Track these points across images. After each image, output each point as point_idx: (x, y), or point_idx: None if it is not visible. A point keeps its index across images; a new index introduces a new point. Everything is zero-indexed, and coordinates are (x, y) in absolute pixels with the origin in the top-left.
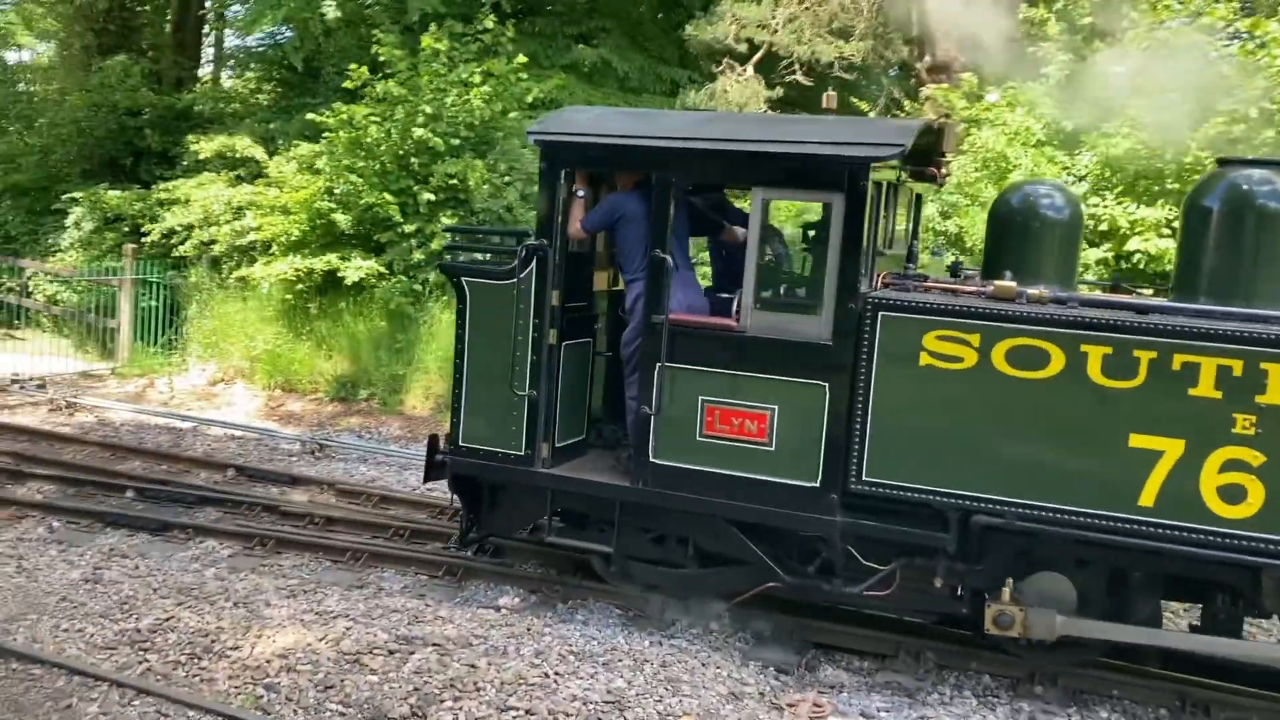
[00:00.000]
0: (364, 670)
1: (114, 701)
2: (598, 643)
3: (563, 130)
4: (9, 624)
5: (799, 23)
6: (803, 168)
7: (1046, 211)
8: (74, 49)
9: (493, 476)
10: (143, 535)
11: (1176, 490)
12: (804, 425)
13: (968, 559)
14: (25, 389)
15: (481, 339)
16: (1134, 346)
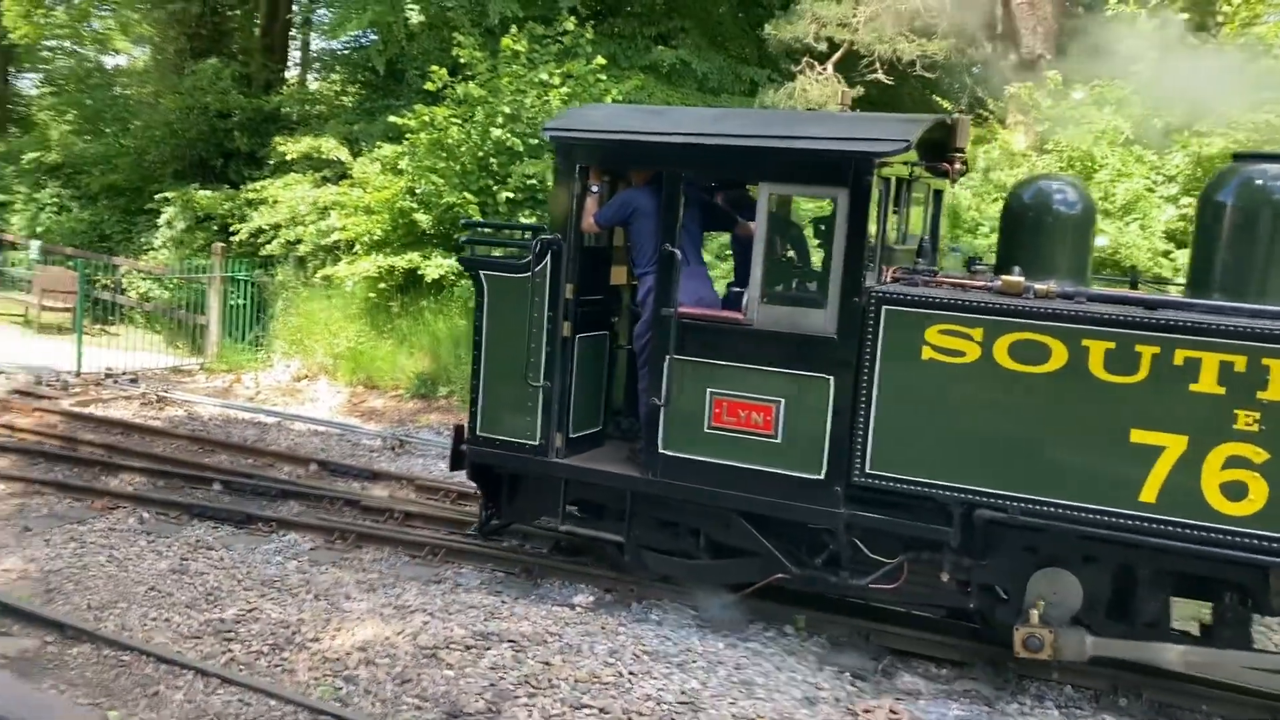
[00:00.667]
0: (441, 665)
1: (199, 690)
2: (672, 643)
3: (577, 127)
4: (101, 611)
5: (880, 21)
6: (807, 163)
7: (1059, 207)
8: (168, 53)
9: (509, 466)
10: (228, 527)
11: (1178, 487)
12: (809, 418)
13: (973, 553)
14: (119, 383)
15: (498, 331)
16: (1136, 342)
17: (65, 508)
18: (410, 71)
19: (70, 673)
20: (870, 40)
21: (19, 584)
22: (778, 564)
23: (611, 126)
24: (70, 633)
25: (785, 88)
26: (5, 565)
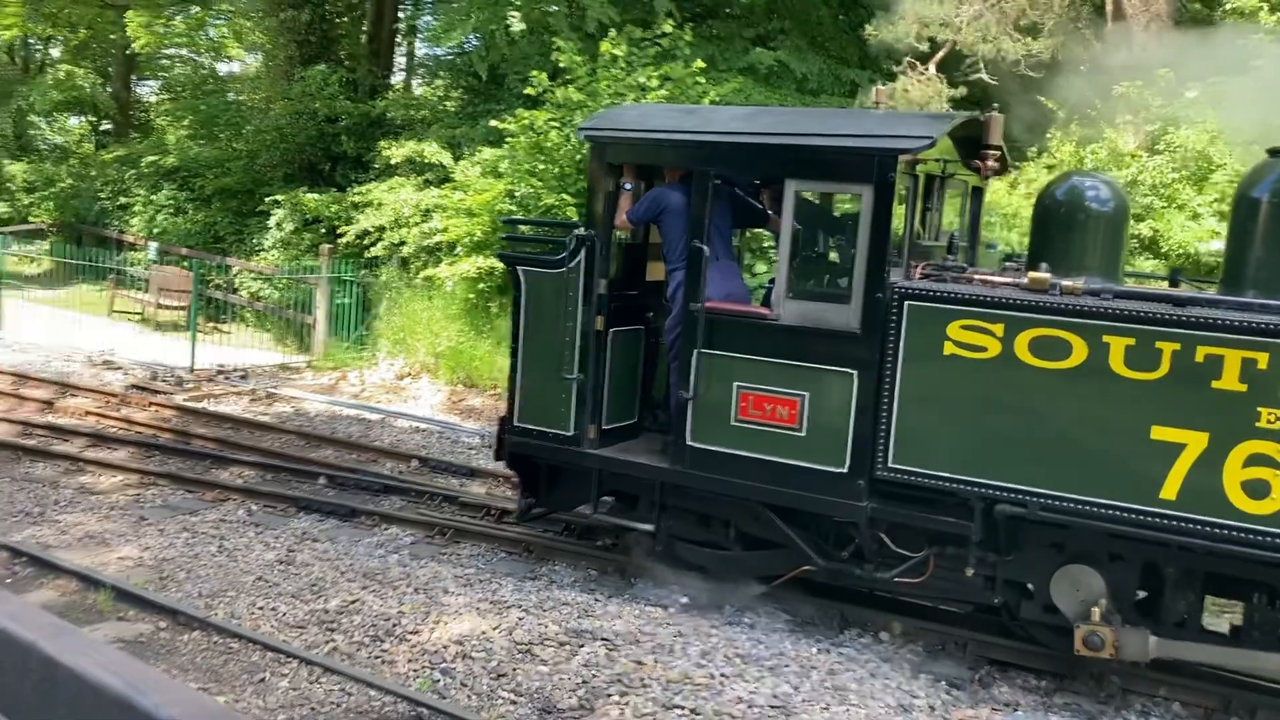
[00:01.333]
0: (535, 660)
1: (303, 678)
2: (764, 647)
3: (609, 126)
4: (211, 599)
5: (984, 20)
6: (832, 160)
7: (1091, 204)
8: (278, 60)
9: (544, 455)
10: (332, 520)
11: (1199, 484)
12: (833, 412)
13: (996, 548)
14: (229, 379)
15: (535, 325)
16: (1156, 338)
17: (179, 499)
18: (511, 76)
19: (181, 658)
20: (973, 40)
21: (135, 571)
22: (804, 556)
23: (643, 126)
24: (182, 619)
25: (885, 89)
26: (122, 553)
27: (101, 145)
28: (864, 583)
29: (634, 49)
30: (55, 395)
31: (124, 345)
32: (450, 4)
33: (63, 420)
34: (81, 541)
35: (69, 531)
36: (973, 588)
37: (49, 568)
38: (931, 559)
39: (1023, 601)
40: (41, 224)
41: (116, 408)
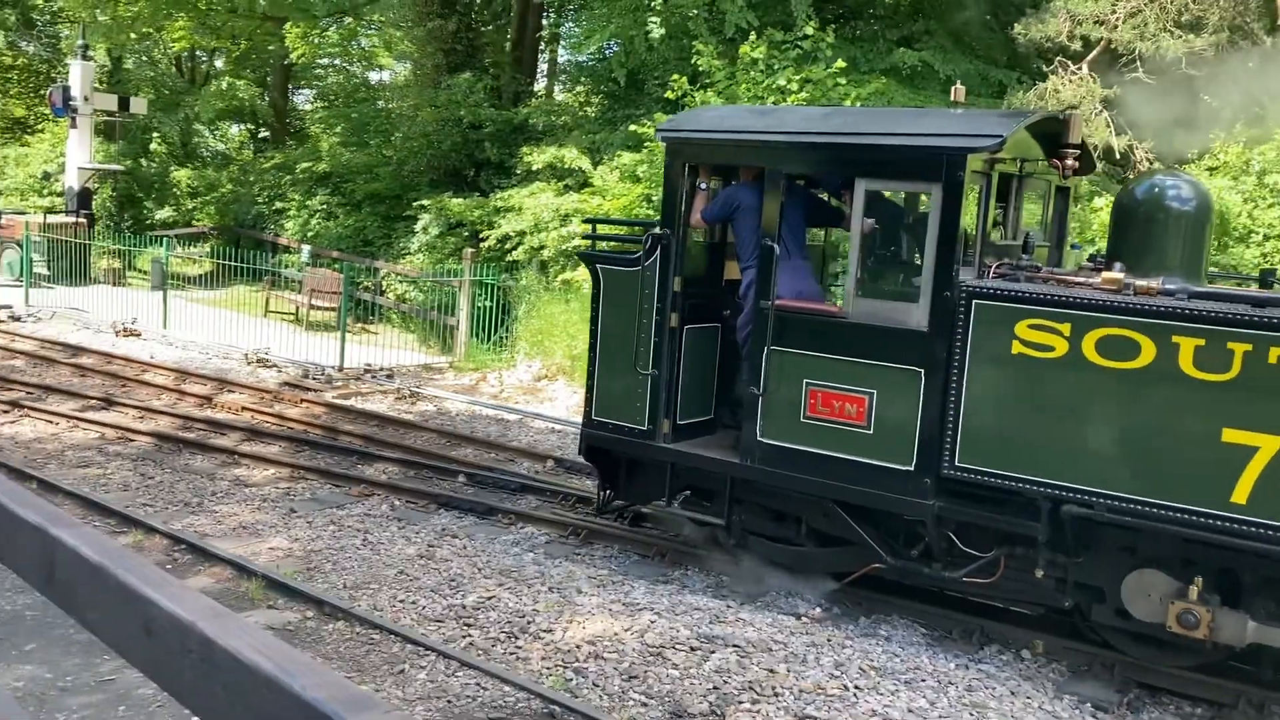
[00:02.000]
0: (666, 664)
1: (440, 671)
2: (900, 660)
3: (685, 127)
4: (355, 591)
5: (1142, 16)
6: (901, 159)
7: (1171, 204)
8: (426, 68)
9: (619, 449)
10: (471, 517)
11: (1271, 488)
12: (900, 410)
13: (1064, 550)
14: (376, 378)
15: (612, 321)
16: (1227, 339)
17: (326, 493)
18: (650, 81)
19: (326, 647)
20: (1130, 38)
21: (285, 561)
22: (873, 553)
23: (717, 127)
24: (328, 609)
25: (1036, 89)
26: (272, 544)
27: (259, 152)
28: (933, 582)
29: (774, 51)
30: (214, 391)
31: (278, 344)
32: (592, 11)
33: (220, 415)
34: (235, 531)
35: (224, 521)
36: (1043, 590)
37: (206, 555)
38: (1002, 559)
39: (1094, 605)
40: (203, 228)
41: (270, 404)
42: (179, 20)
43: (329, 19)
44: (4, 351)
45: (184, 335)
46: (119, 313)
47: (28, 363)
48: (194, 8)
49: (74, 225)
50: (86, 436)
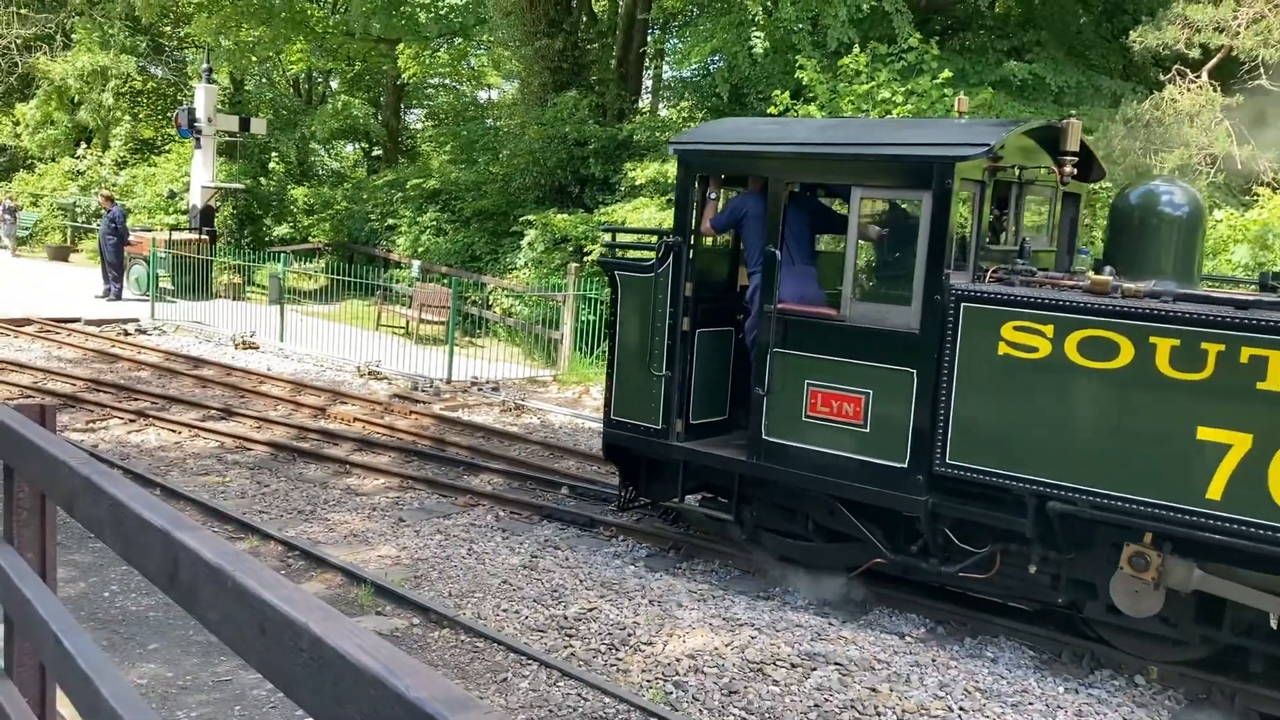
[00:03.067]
0: (766, 680)
1: (542, 680)
2: (1007, 682)
3: (695, 140)
4: (460, 599)
5: (1266, 23)
6: (893, 168)
7: (1164, 209)
8: (532, 86)
9: (635, 447)
10: (573, 529)
11: (1244, 485)
12: (894, 409)
13: (1053, 546)
14: (482, 391)
15: (629, 325)
16: (1201, 339)
17: (433, 503)
18: (753, 95)
19: (431, 654)
20: (1253, 45)
21: (393, 569)
22: (875, 549)
23: (724, 139)
24: (434, 617)
25: (1152, 98)
26: (381, 552)
27: (372, 170)
28: (931, 577)
29: (878, 64)
30: (328, 402)
31: (389, 356)
32: (696, 26)
33: (333, 426)
34: (346, 539)
35: (336, 529)
36: (1038, 586)
37: (318, 562)
38: (997, 556)
39: (1088, 601)
40: (319, 244)
41: (380, 415)
42: (297, 43)
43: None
44: (131, 363)
45: (300, 348)
46: (238, 326)
47: (153, 374)
48: (311, 31)
49: (197, 242)
50: (207, 445)
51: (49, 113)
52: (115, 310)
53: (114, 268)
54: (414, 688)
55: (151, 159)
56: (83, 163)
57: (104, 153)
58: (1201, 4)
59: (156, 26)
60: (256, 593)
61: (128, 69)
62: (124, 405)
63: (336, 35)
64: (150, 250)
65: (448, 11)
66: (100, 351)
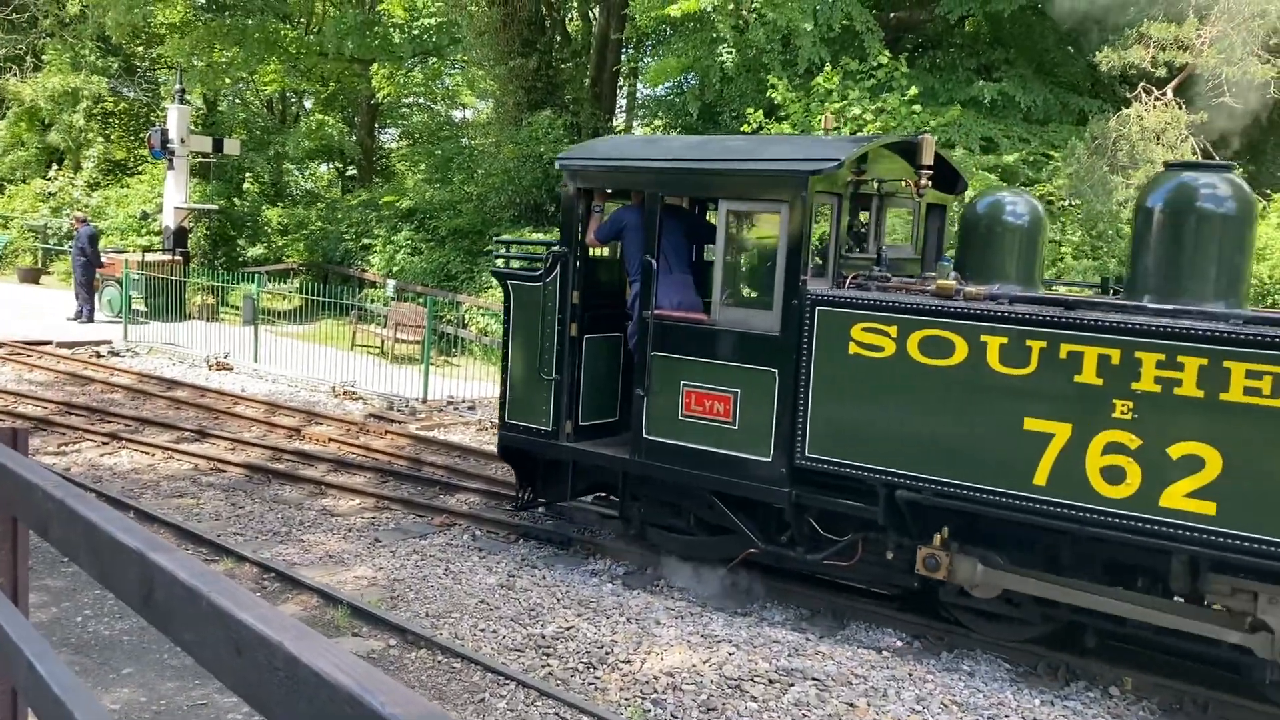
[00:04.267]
0: (744, 697)
1: (520, 700)
2: (983, 695)
3: (578, 156)
4: (437, 620)
5: (1228, 41)
6: (754, 182)
7: (1008, 218)
8: (507, 106)
9: (529, 448)
10: (550, 548)
11: (1065, 470)
12: (759, 407)
13: (906, 532)
14: (459, 410)
15: (521, 331)
16: (1026, 337)
17: (410, 523)
18: (727, 114)
19: (409, 675)
20: (1216, 62)
21: (369, 590)
22: (749, 540)
23: (606, 155)
24: (410, 637)
25: (1118, 115)
26: (357, 573)
27: (347, 190)
28: (800, 565)
29: (849, 82)
30: (302, 423)
31: (364, 376)
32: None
33: (308, 447)
34: (322, 560)
35: (311, 550)
36: (896, 571)
37: (294, 584)
38: (859, 544)
39: (940, 585)
40: (293, 264)
41: (356, 435)
42: (271, 64)
43: (414, 60)
44: (103, 385)
45: (274, 369)
46: (212, 347)
47: (126, 396)
48: (285, 52)
49: (170, 263)
50: (181, 467)
51: (19, 134)
52: (88, 332)
53: (86, 290)
54: (389, 705)
55: (124, 180)
56: (54, 184)
57: (76, 174)
58: (1165, 23)
59: (128, 47)
60: (232, 613)
61: (99, 90)
62: (97, 428)
63: (310, 55)
64: (123, 272)
65: (421, 32)
66: (72, 374)
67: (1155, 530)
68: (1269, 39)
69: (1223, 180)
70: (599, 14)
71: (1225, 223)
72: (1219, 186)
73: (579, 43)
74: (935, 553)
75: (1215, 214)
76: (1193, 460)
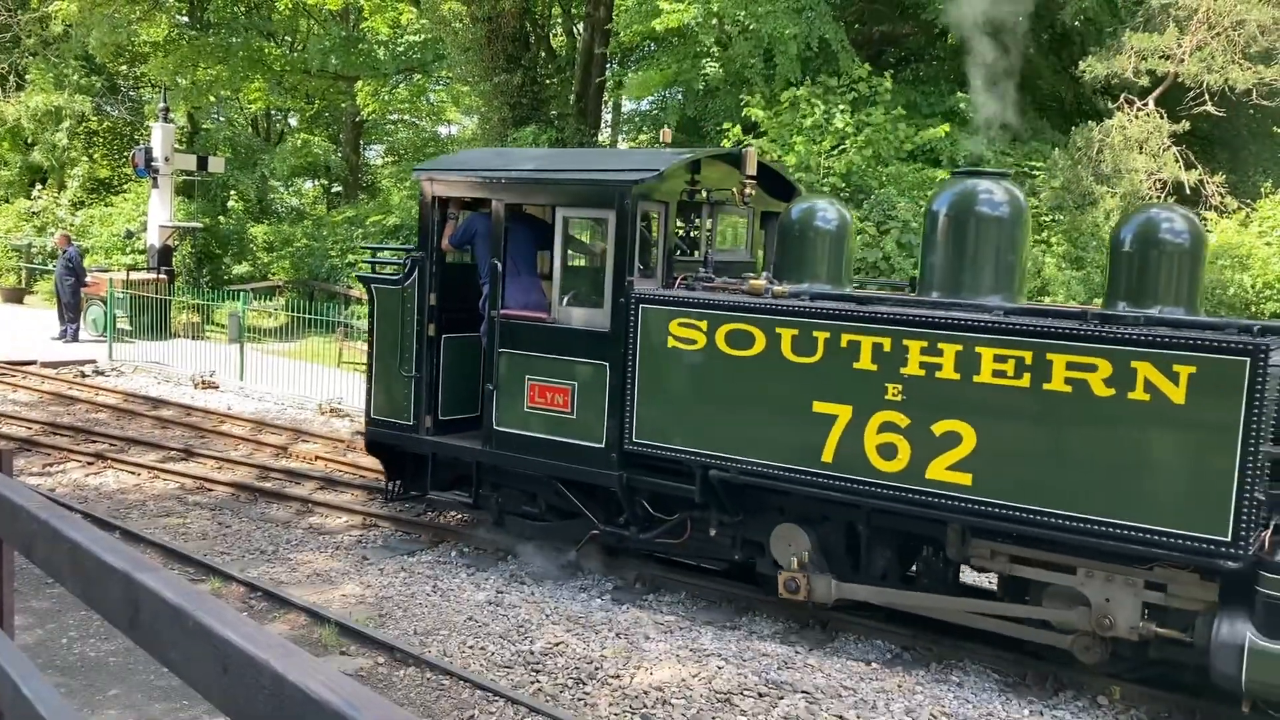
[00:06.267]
0: (734, 710)
1: (509, 717)
2: (972, 706)
3: (433, 167)
4: (425, 637)
5: (1209, 49)
6: (585, 191)
7: (819, 223)
8: (492, 121)
9: (393, 442)
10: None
11: (848, 448)
12: (593, 397)
13: (724, 510)
14: None
15: (383, 332)
16: (813, 328)
17: (398, 540)
18: (712, 130)
19: (397, 693)
20: (1197, 71)
21: (357, 608)
22: (591, 523)
23: (457, 166)
24: (399, 655)
25: (1101, 126)
26: (345, 591)
27: (332, 206)
28: (636, 544)
29: (830, 97)
30: (289, 441)
31: (351, 393)
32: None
33: (296, 464)
34: (310, 579)
35: (299, 569)
36: (720, 547)
37: (281, 603)
38: (688, 522)
39: (758, 558)
40: (278, 281)
41: (343, 453)
42: (255, 82)
43: (398, 76)
44: (88, 405)
45: (260, 387)
46: (198, 365)
47: (111, 415)
48: (269, 70)
49: (155, 281)
50: (167, 487)
51: (2, 154)
52: (72, 352)
53: (70, 309)
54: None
55: (108, 199)
56: (38, 203)
57: (60, 193)
58: (1146, 33)
59: (112, 66)
60: (218, 632)
61: (83, 109)
62: (82, 448)
63: (295, 73)
64: (108, 291)
65: (406, 48)
66: (57, 394)
67: (923, 500)
68: (1249, 46)
69: (998, 186)
70: (583, 29)
71: (999, 225)
72: (995, 192)
73: (563, 58)
74: (795, 576)
75: (991, 216)
76: (952, 436)
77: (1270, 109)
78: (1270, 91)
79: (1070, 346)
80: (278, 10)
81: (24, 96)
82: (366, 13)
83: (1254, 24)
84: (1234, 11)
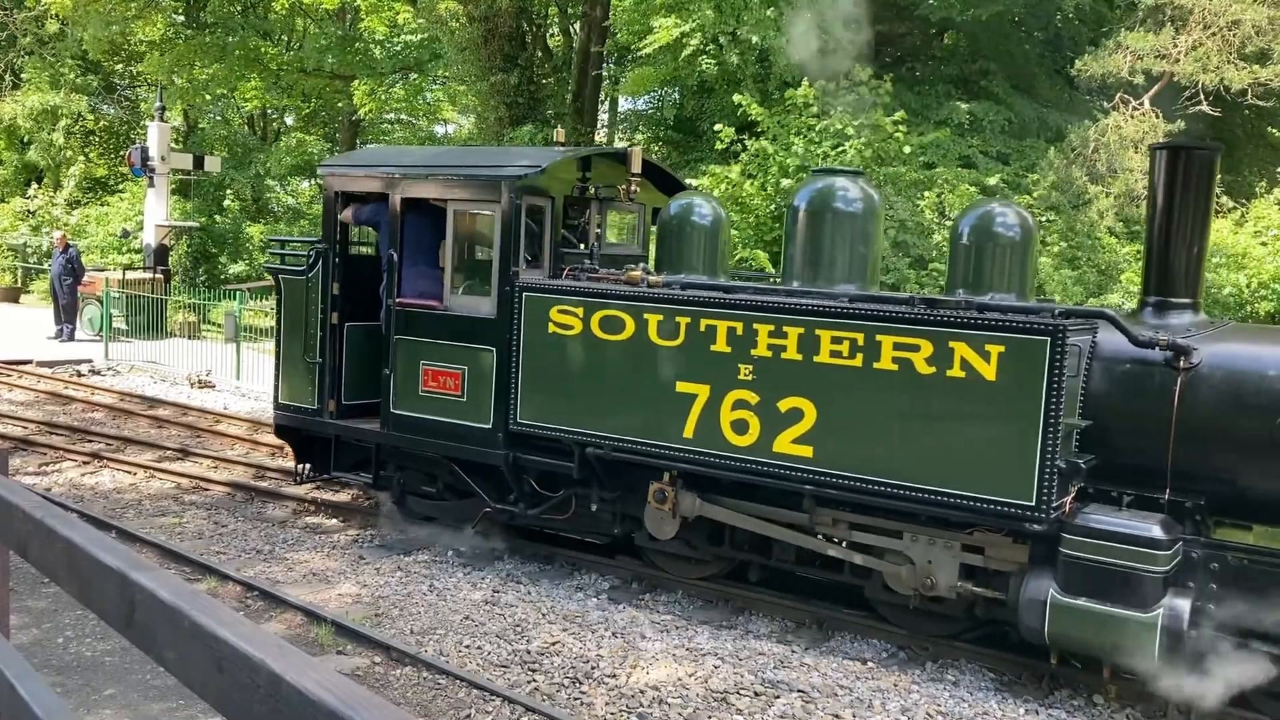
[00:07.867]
0: (730, 710)
1: (505, 716)
2: (968, 705)
3: (335, 163)
4: (422, 637)
5: (1204, 49)
6: (473, 185)
7: (694, 218)
8: (489, 121)
9: (299, 426)
10: (535, 563)
11: (707, 424)
12: (482, 381)
13: (603, 486)
14: None
15: (289, 320)
16: (676, 314)
17: (393, 539)
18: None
19: (394, 692)
20: (1193, 70)
21: (354, 608)
22: (484, 501)
23: (358, 162)
24: (395, 655)
25: (1096, 125)
26: (341, 590)
27: None
28: (524, 521)
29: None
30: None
31: None
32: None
33: (292, 464)
34: (306, 578)
35: (295, 568)
36: (602, 522)
37: (278, 602)
38: (572, 499)
39: (636, 532)
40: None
41: None
42: (251, 81)
43: (395, 75)
44: (84, 404)
45: (257, 386)
46: (194, 365)
47: (107, 415)
48: (266, 68)
49: (151, 281)
50: (163, 486)
51: None
52: (68, 351)
53: (68, 309)
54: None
55: (105, 198)
56: (34, 203)
57: (56, 192)
58: (1141, 32)
59: (108, 65)
60: (214, 631)
61: (79, 108)
62: (78, 447)
63: (291, 72)
64: (104, 290)
65: (402, 47)
66: (53, 393)
67: (771, 471)
68: (1244, 46)
69: (853, 183)
70: (580, 29)
71: (852, 219)
72: (849, 189)
73: (560, 57)
74: (664, 487)
75: (845, 212)
76: (795, 412)
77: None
78: (1266, 92)
79: (896, 329)
80: (274, 9)
81: (20, 95)
82: (363, 12)
83: (1249, 24)
84: (1229, 11)
